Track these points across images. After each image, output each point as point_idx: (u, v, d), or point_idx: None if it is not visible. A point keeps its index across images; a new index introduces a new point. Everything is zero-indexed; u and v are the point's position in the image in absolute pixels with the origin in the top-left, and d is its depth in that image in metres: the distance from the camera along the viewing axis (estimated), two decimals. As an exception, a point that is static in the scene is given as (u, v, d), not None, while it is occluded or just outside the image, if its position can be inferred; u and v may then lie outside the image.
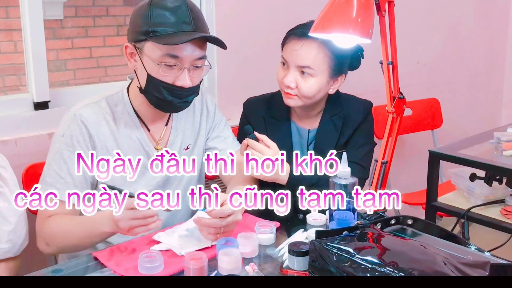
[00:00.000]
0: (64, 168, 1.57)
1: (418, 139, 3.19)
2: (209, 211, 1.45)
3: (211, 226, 1.45)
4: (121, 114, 1.64)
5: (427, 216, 2.26)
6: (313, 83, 1.79)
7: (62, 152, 1.58)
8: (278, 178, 1.71)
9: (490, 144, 2.39)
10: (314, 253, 1.29)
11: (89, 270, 1.42)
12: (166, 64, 1.52)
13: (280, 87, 1.86)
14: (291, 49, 1.79)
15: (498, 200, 2.17)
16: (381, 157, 1.65)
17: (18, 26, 2.04)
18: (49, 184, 1.57)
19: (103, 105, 1.63)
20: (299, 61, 1.78)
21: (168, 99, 1.56)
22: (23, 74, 2.11)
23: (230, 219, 1.46)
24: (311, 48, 1.76)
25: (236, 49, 2.47)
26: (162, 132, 1.71)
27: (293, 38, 1.80)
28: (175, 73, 1.54)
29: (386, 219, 1.59)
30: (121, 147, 1.63)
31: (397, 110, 1.62)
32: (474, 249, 1.49)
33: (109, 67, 3.48)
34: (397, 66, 1.59)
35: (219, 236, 1.47)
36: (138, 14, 1.55)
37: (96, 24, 3.41)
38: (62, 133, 1.59)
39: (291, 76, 1.79)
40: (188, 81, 1.55)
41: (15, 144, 1.98)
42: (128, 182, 1.64)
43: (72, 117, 1.60)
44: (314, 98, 1.82)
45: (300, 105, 1.83)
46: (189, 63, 1.54)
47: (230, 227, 1.49)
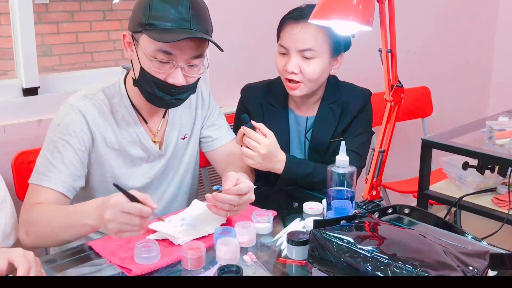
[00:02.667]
0: (57, 156, 1.53)
1: (407, 127, 3.20)
2: (227, 189, 1.43)
3: (228, 203, 1.43)
4: (118, 106, 1.61)
5: (418, 204, 2.27)
6: (316, 65, 1.77)
7: (56, 141, 1.54)
8: (274, 167, 1.70)
9: (482, 132, 2.40)
10: (314, 242, 1.27)
11: (83, 260, 1.39)
12: (158, 60, 1.48)
13: (282, 76, 1.83)
14: (289, 34, 1.77)
15: (489, 188, 2.19)
16: (379, 145, 1.64)
17: (5, 10, 1.99)
18: (41, 173, 1.53)
19: (100, 97, 1.60)
20: (299, 44, 1.75)
21: (159, 95, 1.52)
22: (10, 59, 2.06)
23: (246, 197, 1.46)
24: (310, 30, 1.74)
25: (228, 36, 2.44)
26: (159, 124, 1.68)
27: (291, 22, 1.78)
28: (167, 69, 1.49)
29: (384, 208, 1.59)
30: (119, 140, 1.61)
31: (395, 98, 1.61)
32: (470, 238, 1.49)
33: (96, 52, 3.42)
34: (395, 54, 1.58)
35: (230, 214, 1.46)
36: (139, 3, 1.50)
37: (82, 9, 3.35)
38: (58, 122, 1.55)
39: (293, 61, 1.77)
40: (181, 79, 1.50)
41: (4, 130, 1.93)
42: (125, 173, 1.62)
43: (70, 107, 1.56)
44: (319, 80, 1.81)
45: (305, 92, 1.81)
46: (183, 61, 1.50)
47: (243, 206, 1.49)
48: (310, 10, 1.67)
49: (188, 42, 1.47)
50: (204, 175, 2.36)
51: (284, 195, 1.80)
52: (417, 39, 3.37)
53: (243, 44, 2.53)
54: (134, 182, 1.64)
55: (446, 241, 1.32)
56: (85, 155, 1.57)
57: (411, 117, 3.14)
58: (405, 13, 3.14)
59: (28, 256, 1.17)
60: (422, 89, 3.19)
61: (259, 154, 1.64)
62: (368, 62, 2.16)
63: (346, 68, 1.92)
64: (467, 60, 3.79)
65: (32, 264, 1.16)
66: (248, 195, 1.47)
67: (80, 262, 1.39)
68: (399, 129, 3.15)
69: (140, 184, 1.65)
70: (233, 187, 1.44)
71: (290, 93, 1.83)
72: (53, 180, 1.51)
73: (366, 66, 2.55)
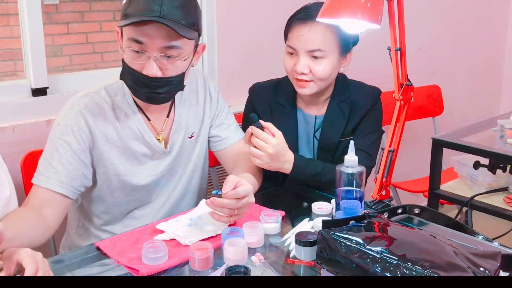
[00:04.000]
0: (55, 156, 1.53)
1: (418, 126, 3.18)
2: (224, 193, 1.42)
3: (226, 207, 1.42)
4: (120, 103, 1.60)
5: (429, 204, 2.25)
6: (326, 65, 1.75)
7: (55, 141, 1.54)
8: (282, 167, 1.69)
9: (493, 131, 2.38)
10: (322, 243, 1.26)
11: (91, 261, 1.39)
12: (132, 50, 1.47)
13: (291, 76, 1.81)
14: (297, 35, 1.76)
15: (501, 188, 2.16)
16: (388, 145, 1.63)
17: (15, 10, 2.00)
18: (40, 173, 1.53)
19: (102, 95, 1.59)
20: (308, 45, 1.74)
21: (136, 87, 1.51)
22: (20, 60, 2.07)
23: (245, 200, 1.44)
24: (318, 30, 1.73)
25: (236, 34, 2.44)
26: (163, 123, 1.67)
27: (298, 23, 1.76)
28: (142, 60, 1.47)
29: (393, 208, 1.57)
30: (121, 137, 1.60)
31: (404, 97, 1.59)
32: (481, 239, 1.47)
33: (106, 52, 3.43)
34: (405, 52, 1.56)
35: (232, 219, 1.45)
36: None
37: (92, 9, 3.36)
38: (58, 123, 1.56)
39: (302, 62, 1.75)
40: (155, 70, 1.47)
41: (13, 131, 1.94)
42: (129, 170, 1.62)
43: (70, 107, 1.56)
44: (329, 79, 1.79)
45: (315, 91, 1.79)
46: (155, 50, 1.46)
47: (243, 209, 1.47)
48: (317, 10, 1.66)
49: (158, 30, 1.44)
50: (213, 175, 2.35)
51: (293, 195, 1.78)
52: (427, 37, 3.34)
53: (251, 42, 2.52)
54: (139, 179, 1.64)
55: (457, 241, 1.30)
56: (86, 154, 1.56)
57: (422, 116, 3.12)
58: (416, 11, 3.12)
59: (37, 257, 1.18)
60: (433, 87, 3.17)
61: (267, 154, 1.63)
62: (377, 61, 2.15)
63: (355, 66, 1.90)
64: (478, 59, 3.75)
65: (40, 265, 1.16)
66: (246, 199, 1.45)
67: (88, 263, 1.39)
68: (410, 128, 3.14)
69: (145, 182, 1.64)
70: (230, 191, 1.42)
71: (299, 92, 1.81)
72: (50, 180, 1.51)
73: (376, 65, 2.53)
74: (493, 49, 3.86)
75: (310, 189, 1.77)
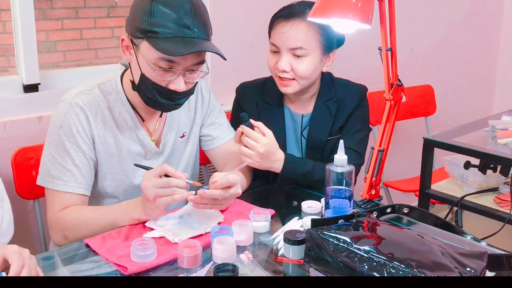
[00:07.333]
0: (68, 160, 1.54)
1: (410, 126, 3.18)
2: (212, 182, 1.47)
3: (215, 198, 1.48)
4: (114, 102, 1.60)
5: (420, 203, 2.26)
6: (307, 63, 1.76)
7: (64, 144, 1.54)
8: (272, 166, 1.69)
9: (485, 132, 2.38)
10: (311, 242, 1.27)
11: (80, 258, 1.39)
12: (161, 68, 1.46)
13: (274, 74, 1.82)
14: (280, 32, 1.76)
15: (491, 188, 2.17)
16: (378, 144, 1.63)
17: (7, 6, 1.99)
18: (56, 178, 1.54)
19: (96, 93, 1.59)
20: (290, 43, 1.74)
21: (160, 101, 1.52)
22: (12, 56, 2.06)
23: (232, 190, 1.49)
24: (301, 28, 1.73)
25: (229, 32, 2.44)
26: (156, 123, 1.67)
27: (281, 21, 1.77)
28: (169, 76, 1.48)
29: (382, 208, 1.58)
30: (116, 136, 1.60)
31: (394, 97, 1.60)
32: (470, 239, 1.48)
33: (100, 49, 3.42)
34: (395, 52, 1.56)
35: (215, 207, 1.51)
36: (139, 6, 1.46)
37: (86, 5, 3.34)
38: (60, 124, 1.55)
39: (284, 59, 1.76)
40: (182, 85, 1.49)
41: (4, 127, 1.94)
42: (123, 169, 1.62)
43: (68, 106, 1.55)
44: (311, 78, 1.80)
45: (297, 90, 1.80)
46: (185, 69, 1.49)
47: (229, 200, 1.52)
48: (301, 8, 1.66)
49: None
50: (205, 173, 2.36)
51: (283, 193, 1.79)
52: (421, 37, 3.35)
53: (244, 41, 2.52)
54: (133, 178, 1.64)
55: (444, 241, 1.31)
56: (91, 148, 1.58)
57: (415, 115, 3.13)
58: (409, 11, 3.12)
59: (23, 254, 1.17)
60: (426, 87, 3.17)
61: (257, 153, 1.63)
62: (368, 61, 2.14)
63: (346, 66, 1.91)
64: (472, 59, 3.76)
65: (26, 262, 1.15)
66: (234, 189, 1.50)
67: (77, 260, 1.39)
68: (402, 128, 3.15)
69: (138, 182, 1.64)
70: (219, 181, 1.47)
71: (282, 90, 1.82)
72: (69, 184, 1.54)
73: (367, 65, 2.53)
74: (486, 49, 3.86)
75: (300, 188, 1.77)
